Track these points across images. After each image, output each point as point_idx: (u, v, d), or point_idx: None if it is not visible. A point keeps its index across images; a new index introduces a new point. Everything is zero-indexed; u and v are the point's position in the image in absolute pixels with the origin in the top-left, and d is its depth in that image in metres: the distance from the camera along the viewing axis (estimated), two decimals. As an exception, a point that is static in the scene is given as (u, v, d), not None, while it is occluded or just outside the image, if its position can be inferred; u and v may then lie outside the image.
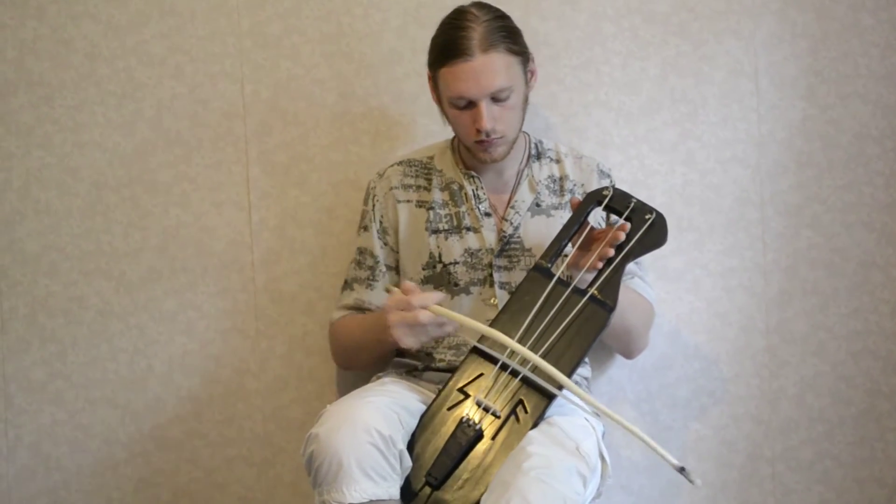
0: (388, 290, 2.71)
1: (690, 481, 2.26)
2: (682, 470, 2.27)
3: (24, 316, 3.09)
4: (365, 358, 2.81)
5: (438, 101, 2.71)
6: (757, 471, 3.03)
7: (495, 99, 2.60)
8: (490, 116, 2.59)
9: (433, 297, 2.48)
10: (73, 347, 3.09)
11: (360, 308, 2.82)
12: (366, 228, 2.85)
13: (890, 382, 3.04)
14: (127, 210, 3.09)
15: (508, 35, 2.61)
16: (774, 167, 3.04)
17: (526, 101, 2.68)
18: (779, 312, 3.04)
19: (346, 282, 2.88)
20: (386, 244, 2.82)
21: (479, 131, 2.61)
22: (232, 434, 3.08)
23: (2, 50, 3.10)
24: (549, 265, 2.54)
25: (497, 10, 2.64)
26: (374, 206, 2.83)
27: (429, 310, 2.45)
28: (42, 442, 3.08)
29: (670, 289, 3.04)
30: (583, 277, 2.51)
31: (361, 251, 2.85)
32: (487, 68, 2.57)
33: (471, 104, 2.60)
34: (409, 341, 2.49)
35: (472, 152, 2.70)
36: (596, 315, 2.48)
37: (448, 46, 2.58)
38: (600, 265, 2.49)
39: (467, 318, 2.45)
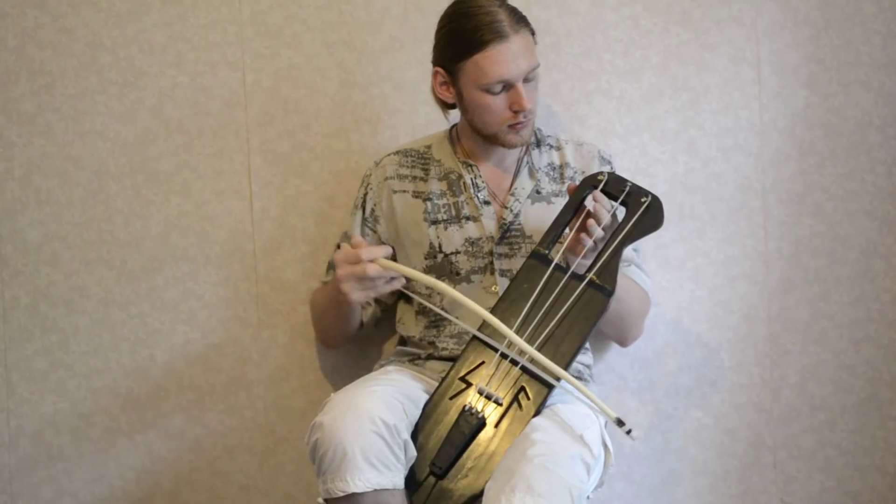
0: (338, 247, 2.73)
1: (627, 433, 2.27)
2: (619, 423, 2.27)
3: (26, 305, 3.09)
4: (331, 325, 2.85)
5: (457, 95, 2.69)
6: (758, 459, 3.03)
7: (525, 79, 2.61)
8: (527, 96, 2.61)
9: (380, 250, 2.48)
10: (75, 337, 3.09)
11: None
12: (353, 214, 2.86)
13: (891, 371, 3.04)
14: (128, 199, 3.09)
15: (523, 15, 2.64)
16: (776, 155, 3.04)
17: None
18: (780, 301, 3.04)
19: (329, 263, 2.90)
20: (374, 231, 2.83)
21: (516, 113, 2.62)
22: (233, 423, 3.08)
23: (3, 38, 3.10)
24: (547, 252, 2.54)
25: None
26: (366, 193, 2.84)
27: (377, 263, 2.45)
28: (44, 431, 3.08)
29: (671, 277, 3.04)
30: (581, 263, 2.51)
31: (343, 235, 2.88)
32: (522, 47, 2.59)
33: (506, 87, 2.61)
34: (357, 295, 2.48)
35: (498, 139, 2.69)
36: (595, 300, 2.48)
37: (479, 32, 2.57)
38: (583, 247, 2.49)
39: (416, 272, 2.46)
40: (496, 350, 2.47)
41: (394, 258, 2.81)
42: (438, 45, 2.69)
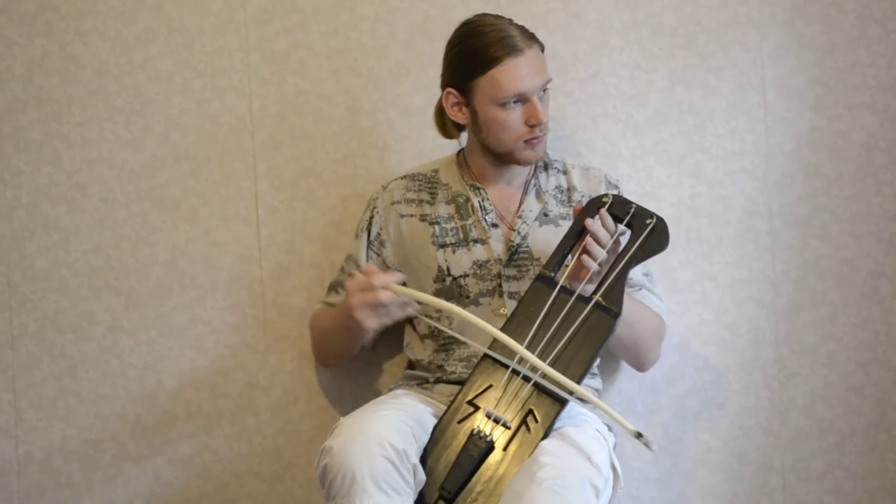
0: (350, 275, 2.75)
1: (647, 446, 2.28)
2: (638, 436, 2.27)
3: (34, 332, 3.09)
4: (335, 347, 2.87)
5: (471, 114, 2.70)
6: (767, 482, 3.03)
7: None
8: (543, 109, 2.64)
9: (393, 276, 2.52)
10: (83, 363, 3.09)
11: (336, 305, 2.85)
12: (357, 236, 2.87)
13: (900, 392, 3.04)
14: (136, 226, 3.10)
15: (532, 32, 2.67)
16: (782, 178, 3.05)
17: None
18: (788, 323, 3.04)
19: (331, 284, 2.92)
20: (378, 255, 2.83)
21: (533, 127, 2.64)
22: (242, 449, 3.08)
23: (10, 67, 3.11)
24: (553, 274, 2.55)
25: None
26: (371, 216, 2.85)
27: (389, 289, 2.48)
28: (52, 458, 3.08)
29: (679, 300, 3.04)
30: (586, 285, 2.51)
31: (348, 258, 2.89)
32: (536, 61, 2.63)
33: (520, 102, 2.63)
34: (371, 322, 2.51)
35: (513, 156, 2.70)
36: (601, 322, 2.49)
37: (493, 48, 2.61)
38: (588, 270, 2.49)
39: (431, 297, 2.51)
40: (507, 367, 2.47)
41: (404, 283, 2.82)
42: (451, 66, 2.70)
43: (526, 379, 2.46)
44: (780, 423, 3.03)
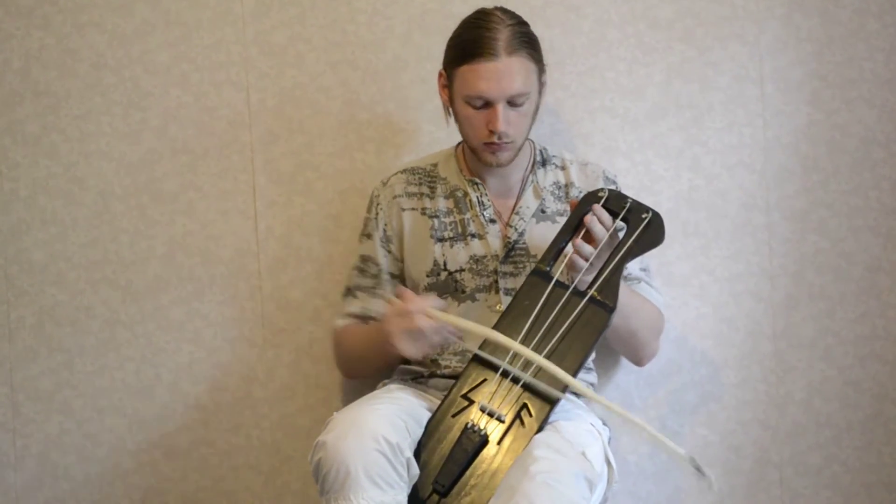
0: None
1: (701, 472, 2.28)
2: (693, 462, 2.28)
3: (32, 325, 3.09)
4: (369, 368, 2.83)
5: (449, 99, 2.71)
6: (764, 476, 3.03)
7: (511, 103, 2.60)
8: (505, 119, 2.60)
9: (431, 302, 2.49)
10: (81, 356, 3.09)
11: (365, 316, 2.82)
12: (369, 236, 2.85)
13: (898, 387, 3.04)
14: (133, 219, 3.10)
15: (531, 42, 2.64)
16: (780, 172, 3.04)
17: (537, 110, 2.69)
18: (786, 317, 3.04)
19: (348, 289, 2.87)
20: (390, 252, 2.82)
21: (491, 132, 2.62)
22: (239, 442, 3.09)
23: (8, 60, 3.11)
24: (548, 268, 2.55)
25: (519, 16, 2.66)
26: (377, 214, 2.83)
27: (427, 315, 2.46)
28: (50, 451, 3.09)
29: (677, 294, 3.03)
30: (582, 279, 2.51)
31: (364, 259, 2.85)
32: (510, 70, 2.58)
33: (487, 105, 2.61)
34: (411, 350, 2.49)
35: (476, 154, 2.70)
36: (596, 316, 2.48)
37: (473, 45, 2.59)
38: (582, 263, 2.49)
39: (467, 322, 2.48)
40: (499, 367, 2.47)
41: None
42: (446, 48, 2.70)
43: (515, 381, 2.46)
44: (777, 418, 3.03)
